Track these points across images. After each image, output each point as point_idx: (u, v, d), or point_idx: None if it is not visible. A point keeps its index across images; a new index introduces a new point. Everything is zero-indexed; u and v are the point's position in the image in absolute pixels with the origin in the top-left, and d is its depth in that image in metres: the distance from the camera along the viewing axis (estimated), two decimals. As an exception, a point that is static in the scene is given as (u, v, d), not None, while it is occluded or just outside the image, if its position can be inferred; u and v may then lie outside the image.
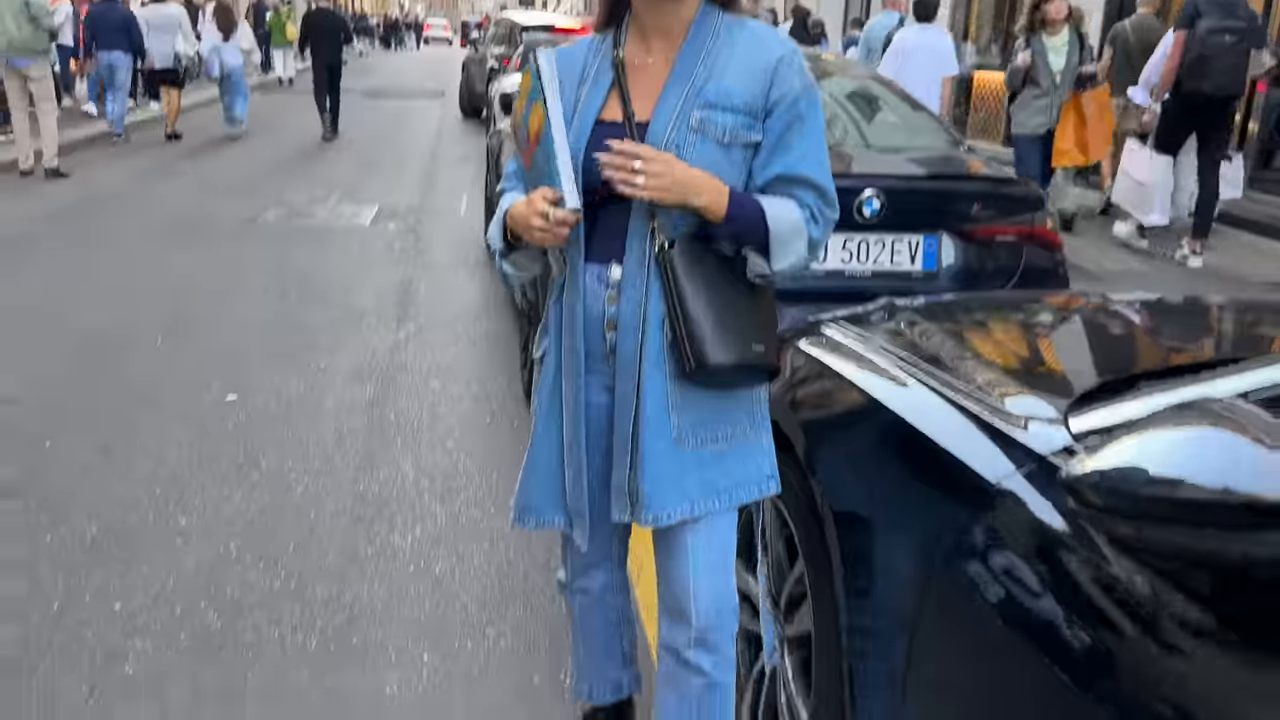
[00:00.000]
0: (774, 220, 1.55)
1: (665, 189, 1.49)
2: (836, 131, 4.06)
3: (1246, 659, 0.99)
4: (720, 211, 1.53)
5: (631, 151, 1.49)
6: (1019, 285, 3.46)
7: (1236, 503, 0.92)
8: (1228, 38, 6.29)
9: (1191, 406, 1.05)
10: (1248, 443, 0.95)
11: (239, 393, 4.15)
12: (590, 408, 1.69)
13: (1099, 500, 1.08)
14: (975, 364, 1.79)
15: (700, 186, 1.52)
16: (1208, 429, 1.00)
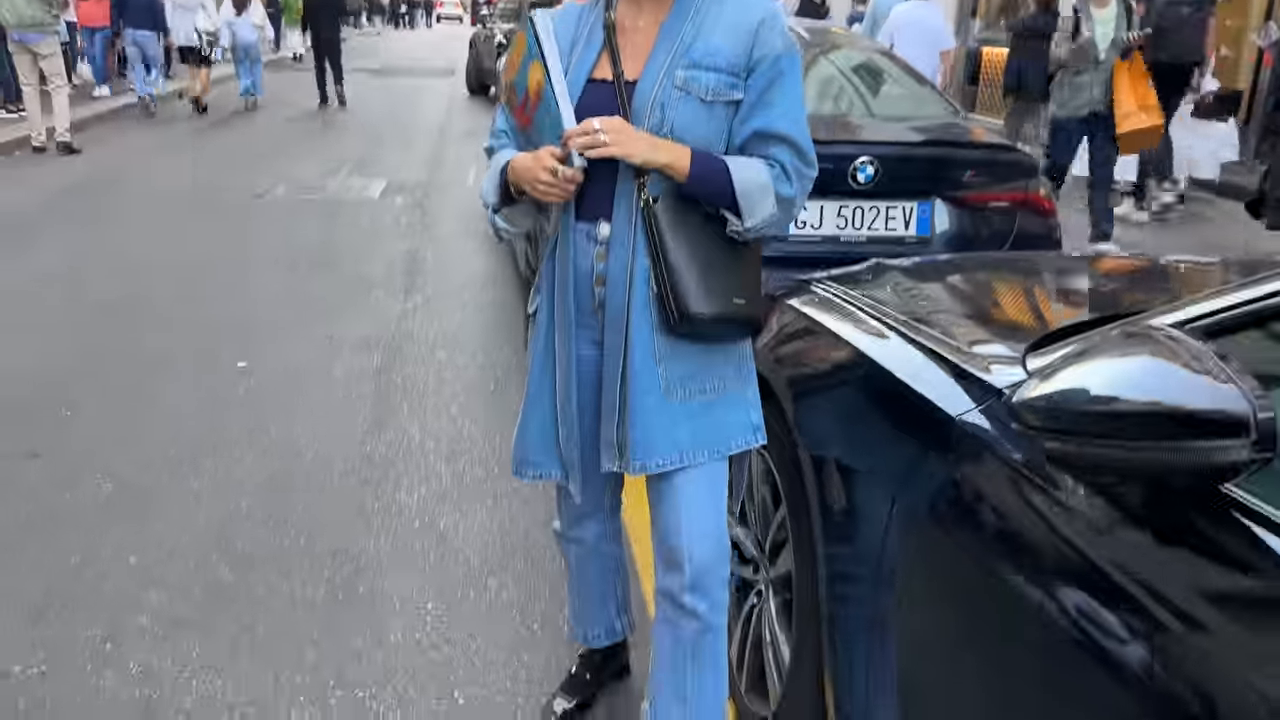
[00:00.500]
0: (739, 179, 1.61)
1: (625, 146, 1.57)
2: (840, 102, 4.11)
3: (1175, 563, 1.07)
4: (683, 168, 1.59)
5: (587, 122, 1.56)
6: (1012, 250, 3.51)
7: (1161, 413, 0.99)
8: (1185, 9, 6.88)
9: (1132, 334, 1.12)
10: (1177, 366, 1.02)
11: (249, 360, 4.25)
12: (581, 361, 1.76)
13: (1039, 421, 1.15)
14: (950, 316, 1.86)
15: (659, 144, 1.59)
16: (1144, 355, 1.07)
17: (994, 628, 1.29)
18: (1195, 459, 0.97)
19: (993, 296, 2.11)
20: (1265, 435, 0.93)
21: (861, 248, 3.50)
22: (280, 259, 5.89)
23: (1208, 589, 1.03)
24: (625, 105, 1.63)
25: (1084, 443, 1.09)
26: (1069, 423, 1.10)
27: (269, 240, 6.36)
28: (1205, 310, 1.18)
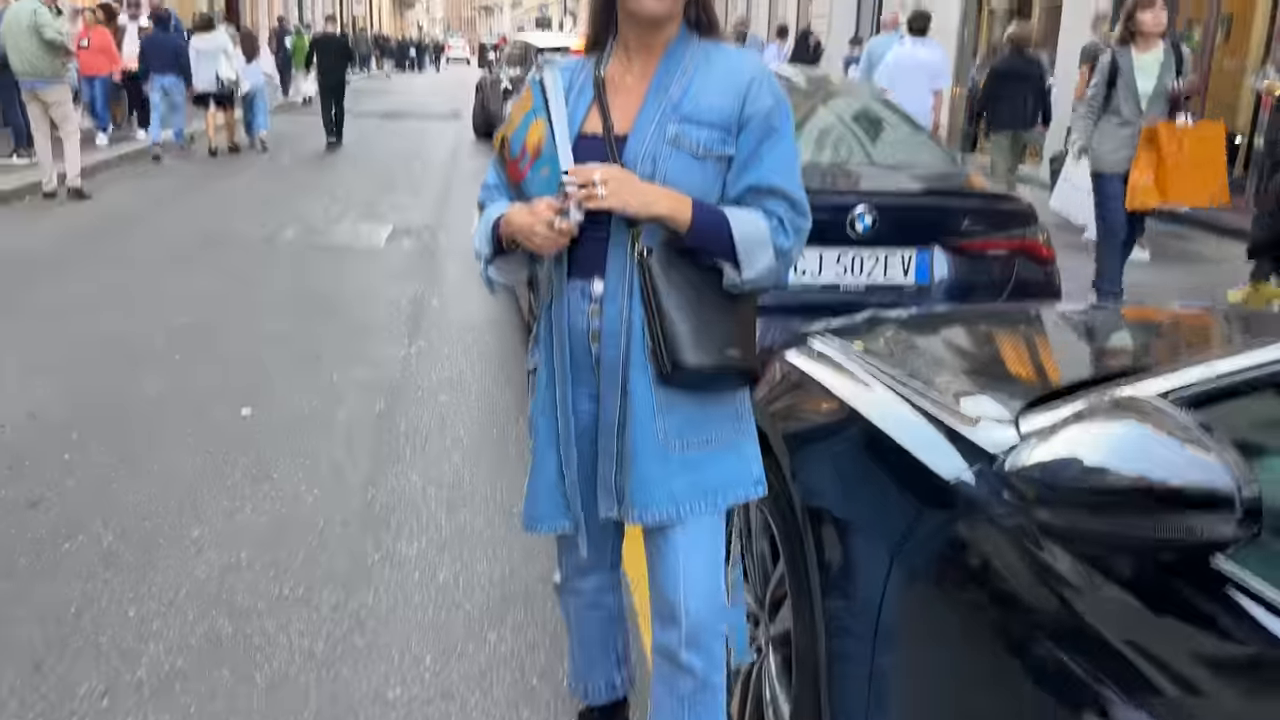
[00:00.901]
0: (738, 230, 1.63)
1: (626, 196, 1.58)
2: (838, 150, 4.15)
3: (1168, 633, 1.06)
4: (684, 219, 1.61)
5: (586, 169, 1.58)
6: (1010, 298, 3.53)
7: (1149, 489, 1.00)
8: None
9: (1120, 404, 1.12)
10: (1163, 438, 1.03)
11: (253, 406, 4.26)
12: (579, 415, 1.78)
13: (1031, 491, 1.16)
14: (943, 372, 1.87)
15: (659, 195, 1.61)
16: (1132, 425, 1.08)
17: (991, 690, 1.29)
18: (1183, 535, 0.98)
19: (987, 352, 2.12)
20: (1251, 511, 0.93)
21: (861, 296, 3.52)
22: (287, 304, 5.93)
23: (1199, 659, 1.03)
24: (615, 159, 1.66)
25: (1075, 516, 1.09)
26: (1060, 495, 1.11)
27: (276, 285, 6.41)
28: (1191, 379, 1.18)
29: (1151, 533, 1.01)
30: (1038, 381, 1.82)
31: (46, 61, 8.81)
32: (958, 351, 2.14)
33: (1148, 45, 5.48)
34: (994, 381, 1.87)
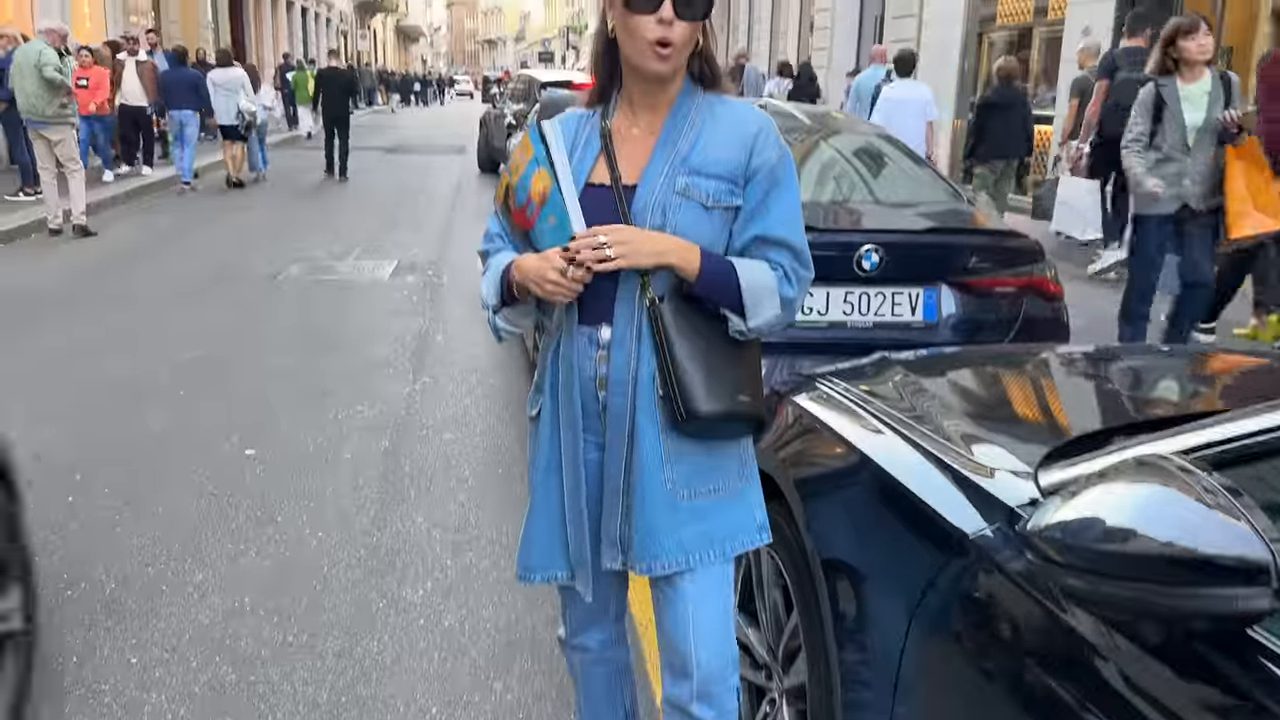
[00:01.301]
0: (745, 279, 1.63)
1: (636, 252, 1.59)
2: (843, 188, 4.14)
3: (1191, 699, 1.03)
4: (694, 267, 1.62)
5: (591, 232, 1.58)
6: (1019, 335, 3.51)
7: (1179, 559, 0.97)
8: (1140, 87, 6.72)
9: (1145, 464, 1.10)
10: (1191, 501, 1.00)
11: (257, 446, 4.24)
12: (586, 464, 1.76)
13: (1055, 554, 1.13)
14: (956, 418, 1.84)
15: (668, 245, 1.62)
16: (1160, 486, 1.05)
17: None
18: (1216, 607, 0.95)
19: (1000, 397, 2.09)
20: (1287, 581, 0.91)
21: (868, 334, 3.50)
22: (292, 341, 5.92)
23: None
24: (624, 208, 1.66)
25: (1101, 581, 1.06)
26: (1085, 559, 1.08)
27: (281, 322, 6.41)
28: (1216, 438, 1.16)
29: (1183, 604, 0.98)
30: (1054, 430, 1.79)
31: (46, 101, 8.89)
32: (969, 396, 2.11)
33: (1193, 75, 4.93)
34: (1008, 429, 1.85)
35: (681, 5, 1.61)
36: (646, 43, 1.61)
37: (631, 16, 1.62)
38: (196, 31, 21.15)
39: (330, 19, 39.37)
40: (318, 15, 36.70)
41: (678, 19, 1.61)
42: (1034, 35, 11.71)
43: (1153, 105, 4.96)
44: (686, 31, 1.63)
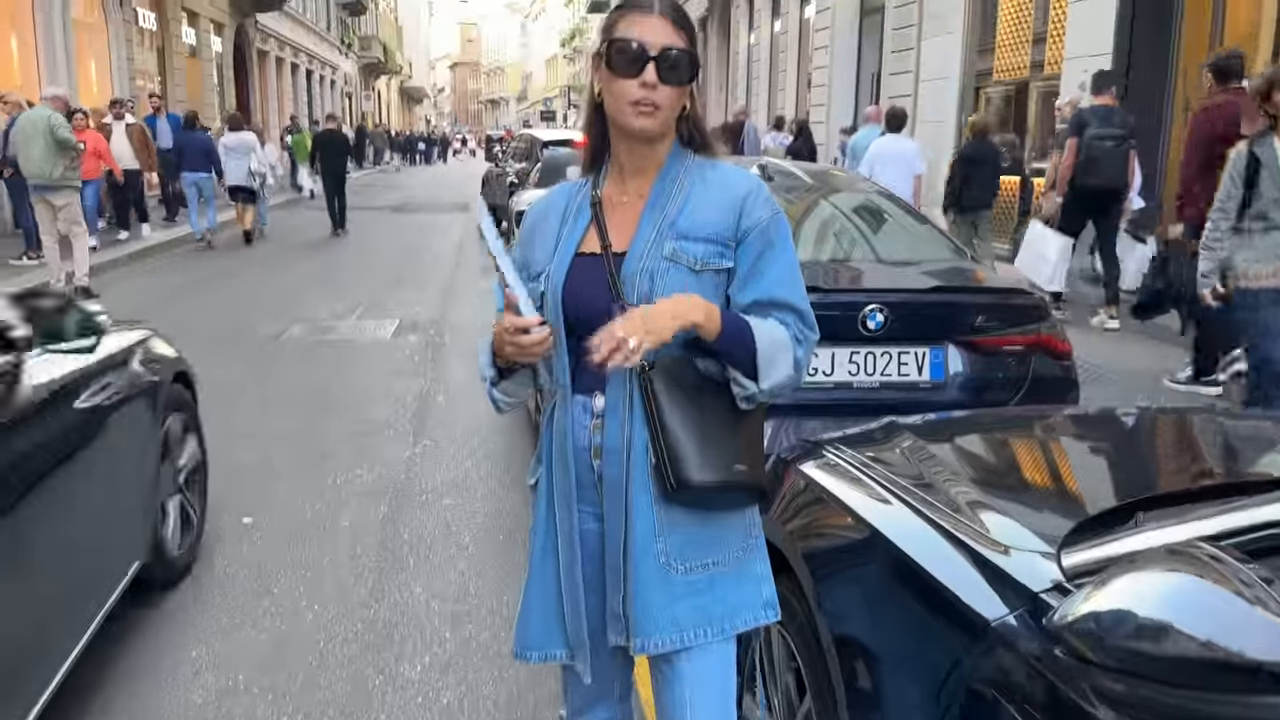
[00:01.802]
0: (760, 336, 1.58)
1: (655, 331, 1.51)
2: (845, 246, 4.12)
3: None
4: (716, 325, 1.56)
5: (608, 332, 1.49)
6: (1028, 394, 3.45)
7: (1220, 663, 0.91)
8: (1109, 142, 7.39)
9: (1176, 552, 1.04)
10: (1228, 594, 0.94)
11: (255, 513, 4.17)
12: (584, 535, 1.70)
13: (1085, 649, 1.06)
14: (970, 489, 1.78)
15: (685, 307, 1.54)
16: (1193, 578, 0.99)
17: None
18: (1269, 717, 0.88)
19: (1014, 465, 2.03)
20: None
21: (875, 394, 3.45)
22: (293, 402, 5.88)
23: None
24: (613, 275, 1.63)
25: (1139, 684, 1.00)
26: (1118, 658, 1.02)
27: (283, 383, 6.37)
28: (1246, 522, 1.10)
29: (1228, 711, 0.91)
30: (1072, 502, 1.73)
31: (53, 164, 8.98)
32: (981, 465, 2.05)
33: None
34: (1024, 501, 1.78)
35: (665, 69, 1.58)
36: (629, 102, 1.59)
37: (615, 80, 1.60)
38: (201, 94, 21.45)
39: (335, 81, 39.99)
40: (322, 78, 37.27)
41: (661, 83, 1.58)
42: (1030, 90, 11.82)
43: (1245, 168, 4.38)
44: (671, 96, 1.61)
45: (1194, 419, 2.18)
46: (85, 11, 15.85)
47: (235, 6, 23.72)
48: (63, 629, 2.51)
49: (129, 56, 17.23)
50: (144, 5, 18.38)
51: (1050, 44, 11.09)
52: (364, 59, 46.85)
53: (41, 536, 2.37)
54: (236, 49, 24.88)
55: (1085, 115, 7.63)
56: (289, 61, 31.19)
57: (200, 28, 21.61)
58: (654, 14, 1.61)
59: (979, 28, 12.90)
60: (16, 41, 14.00)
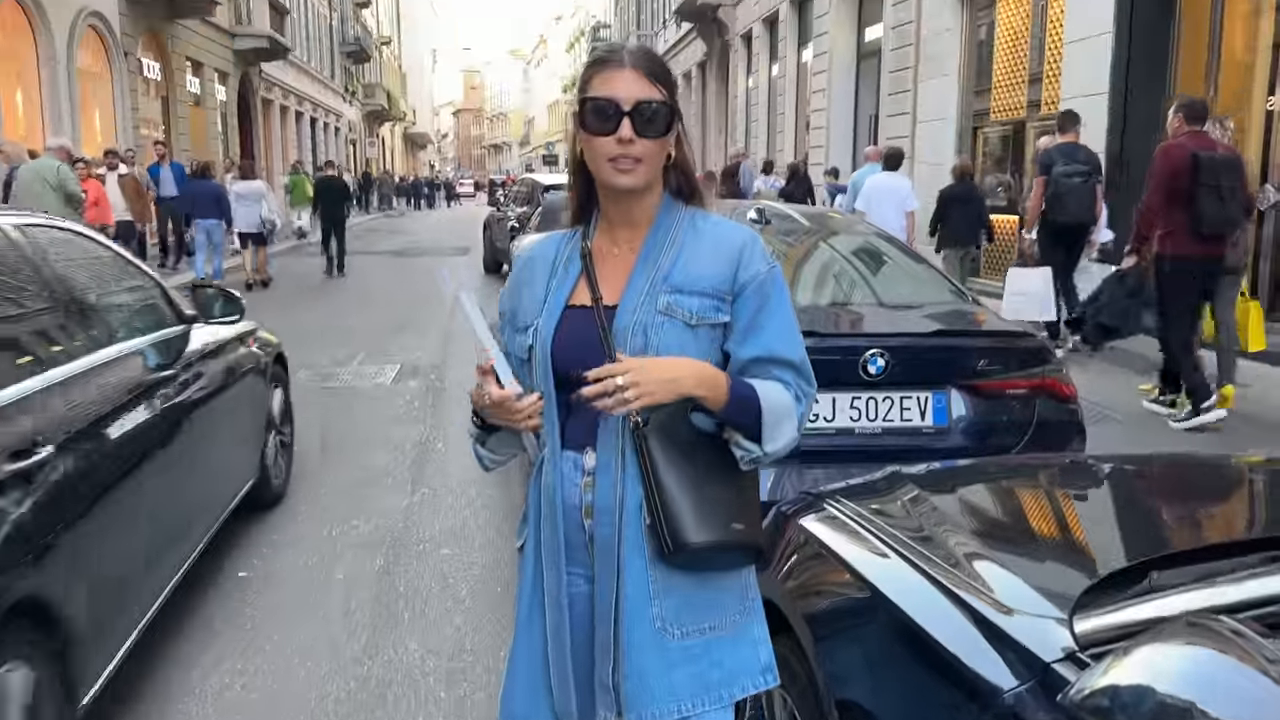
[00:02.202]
0: (766, 401, 1.54)
1: (653, 390, 1.47)
2: (844, 289, 4.08)
3: None
4: (721, 397, 1.52)
5: (606, 371, 1.47)
6: (1034, 438, 3.39)
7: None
8: (1076, 179, 7.72)
9: (1196, 625, 0.98)
10: (1255, 673, 0.88)
11: (250, 567, 4.10)
12: (573, 599, 1.63)
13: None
14: (975, 546, 1.72)
15: (687, 375, 1.51)
16: (1216, 654, 0.93)
17: None
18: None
19: (1020, 520, 1.97)
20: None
21: (877, 440, 3.39)
22: (288, 452, 5.81)
23: None
24: (605, 330, 1.58)
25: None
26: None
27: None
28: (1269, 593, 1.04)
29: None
30: (1081, 558, 1.67)
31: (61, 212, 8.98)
32: (987, 519, 1.99)
33: None
34: (1031, 558, 1.72)
35: (641, 123, 1.55)
36: (607, 159, 1.56)
37: (592, 138, 1.57)
38: (205, 142, 21.64)
39: (339, 128, 40.39)
40: (326, 124, 37.65)
41: (639, 137, 1.55)
42: (1027, 129, 11.87)
43: None
44: (651, 148, 1.57)
45: (1206, 467, 2.12)
46: (90, 62, 16.03)
47: (239, 56, 24.01)
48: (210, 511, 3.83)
49: (133, 106, 17.40)
50: (149, 55, 18.60)
51: (1047, 84, 11.15)
52: (368, 106, 47.35)
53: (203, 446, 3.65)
54: (240, 97, 25.14)
55: (1052, 153, 7.92)
56: (293, 109, 31.52)
57: (204, 77, 21.85)
58: (625, 68, 1.57)
59: (975, 69, 13.00)
60: (22, 93, 14.14)
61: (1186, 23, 9.09)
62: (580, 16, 66.11)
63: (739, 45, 24.51)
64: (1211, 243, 5.66)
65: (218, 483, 3.93)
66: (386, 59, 54.59)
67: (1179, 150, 5.74)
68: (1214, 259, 5.72)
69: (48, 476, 2.39)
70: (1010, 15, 12.12)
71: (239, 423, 4.25)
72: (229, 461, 4.10)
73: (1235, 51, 8.81)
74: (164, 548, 3.24)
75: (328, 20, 36.92)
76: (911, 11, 13.96)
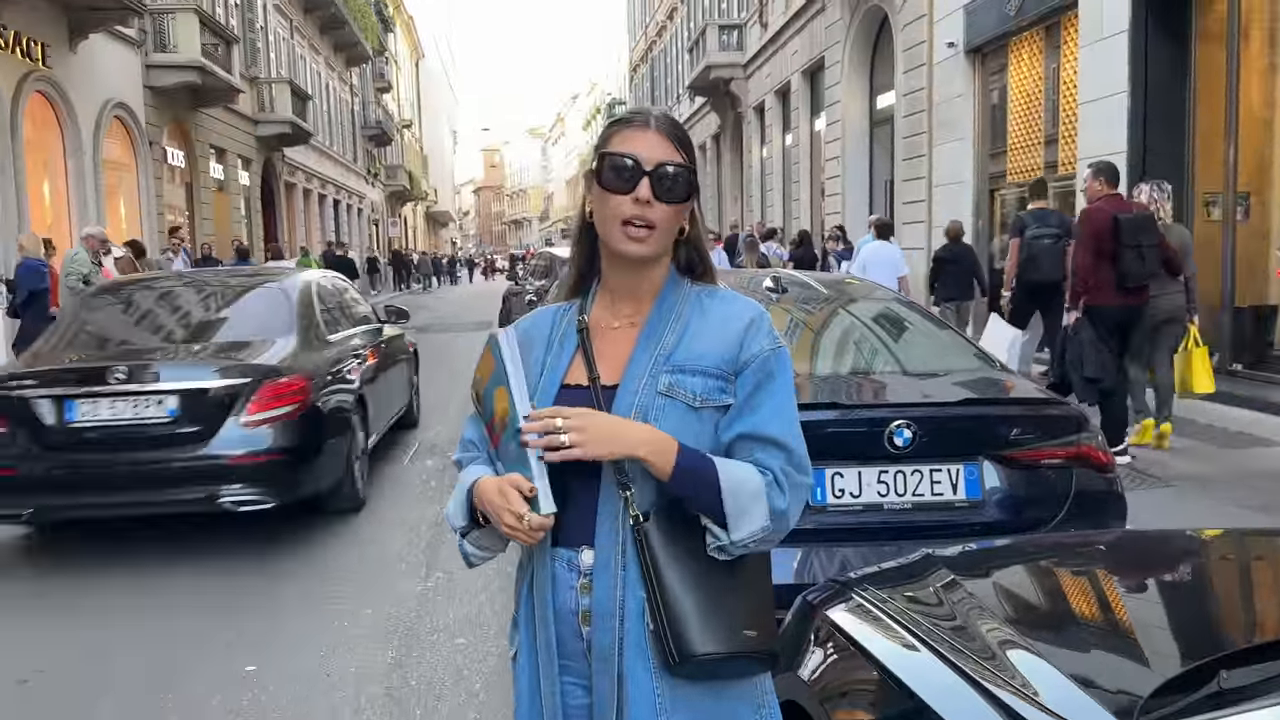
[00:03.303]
0: (726, 479, 1.42)
1: (594, 440, 1.39)
2: (866, 358, 3.94)
3: None
4: (667, 462, 1.41)
5: (547, 413, 1.41)
6: (1071, 511, 3.21)
7: None
8: (1046, 240, 8.21)
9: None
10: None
11: (259, 660, 3.95)
12: (569, 711, 1.49)
13: None
14: (1022, 643, 1.56)
15: (635, 435, 1.41)
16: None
17: None
18: None
19: (1066, 609, 1.81)
20: None
21: (907, 515, 3.22)
22: (303, 534, 5.67)
23: None
24: (603, 411, 1.47)
25: None
26: None
27: (294, 512, 6.18)
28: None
29: None
30: (1137, 656, 1.51)
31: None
32: (1030, 608, 1.83)
33: None
34: (1084, 654, 1.56)
35: (660, 186, 1.45)
36: (620, 221, 1.46)
37: (607, 196, 1.47)
38: (228, 227, 21.98)
39: (361, 209, 41.03)
40: (349, 206, 38.27)
41: (656, 200, 1.45)
42: (1045, 190, 11.80)
43: None
44: (667, 214, 1.47)
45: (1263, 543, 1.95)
46: (116, 152, 16.38)
47: (262, 141, 24.51)
48: (398, 403, 8.04)
49: (158, 194, 17.71)
50: (173, 144, 19.00)
51: (1063, 145, 11.12)
52: (390, 187, 48.19)
53: (394, 375, 7.78)
54: (264, 181, 25.60)
55: (1025, 218, 8.56)
56: (316, 192, 32.07)
57: (228, 163, 22.29)
58: (650, 129, 1.49)
59: (989, 132, 13.01)
60: (49, 184, 14.42)
61: (1201, 81, 9.04)
62: (596, 94, 67.46)
63: (752, 117, 24.81)
64: (1132, 294, 6.33)
65: (398, 394, 7.98)
66: (408, 141, 55.74)
67: (1100, 214, 6.32)
68: (1134, 308, 6.40)
69: (360, 364, 6.41)
70: (1022, 79, 12.16)
71: (403, 374, 8.26)
72: (401, 388, 8.14)
73: (1254, 108, 8.74)
74: (388, 405, 7.46)
75: (349, 105, 37.78)
76: (923, 79, 14.05)
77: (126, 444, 5.05)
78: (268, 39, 25.47)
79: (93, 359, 5.52)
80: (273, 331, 5.78)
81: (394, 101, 50.03)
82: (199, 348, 5.81)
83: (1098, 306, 6.33)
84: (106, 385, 5.00)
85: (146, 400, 5.07)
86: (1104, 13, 9.50)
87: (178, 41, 17.28)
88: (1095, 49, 9.72)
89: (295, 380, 5.29)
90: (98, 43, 15.01)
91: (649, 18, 40.07)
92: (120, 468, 5.03)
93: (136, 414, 5.04)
